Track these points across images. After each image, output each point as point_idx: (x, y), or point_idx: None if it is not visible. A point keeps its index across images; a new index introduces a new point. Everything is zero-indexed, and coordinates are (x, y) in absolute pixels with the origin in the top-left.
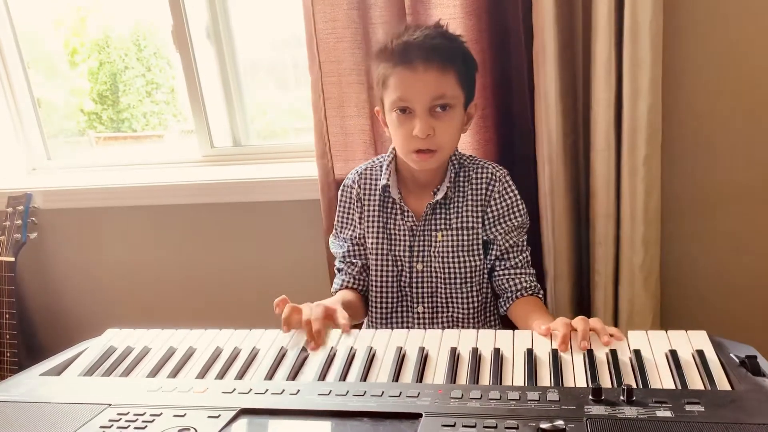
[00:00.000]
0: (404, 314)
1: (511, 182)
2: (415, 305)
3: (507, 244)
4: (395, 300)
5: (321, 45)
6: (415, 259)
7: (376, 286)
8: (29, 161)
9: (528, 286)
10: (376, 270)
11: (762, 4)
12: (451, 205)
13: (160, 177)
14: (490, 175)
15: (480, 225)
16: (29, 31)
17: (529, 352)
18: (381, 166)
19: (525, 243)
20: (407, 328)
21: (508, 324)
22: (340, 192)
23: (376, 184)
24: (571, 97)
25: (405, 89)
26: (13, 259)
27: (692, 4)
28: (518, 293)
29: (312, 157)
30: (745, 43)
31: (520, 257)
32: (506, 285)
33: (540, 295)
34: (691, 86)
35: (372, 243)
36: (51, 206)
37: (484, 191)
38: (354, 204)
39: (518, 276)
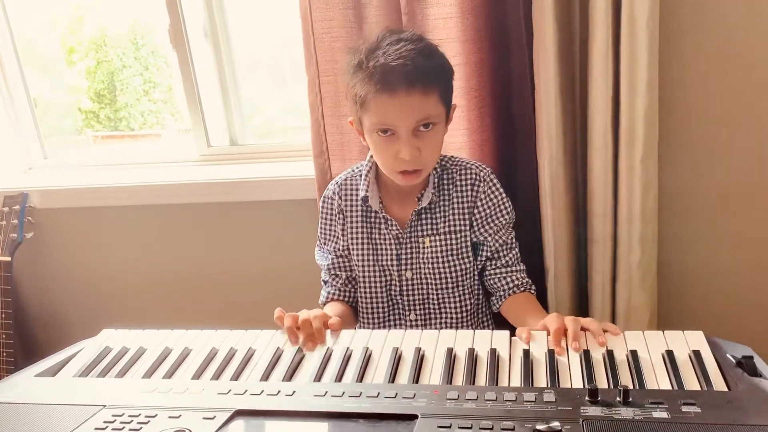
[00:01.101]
0: (396, 323)
1: (495, 180)
2: (407, 313)
3: (497, 244)
4: (386, 309)
5: (318, 44)
6: (403, 267)
7: (365, 297)
8: (26, 160)
9: (520, 283)
10: (364, 281)
11: (760, 4)
12: (437, 210)
13: (157, 176)
14: (474, 176)
15: (468, 227)
16: (26, 30)
17: (526, 353)
18: (361, 175)
19: (513, 240)
20: None
21: (500, 324)
22: (321, 204)
23: (357, 195)
24: (571, 96)
25: (387, 116)
26: (9, 258)
27: (689, 3)
28: (510, 291)
29: (309, 156)
30: (742, 42)
31: (510, 255)
32: (498, 284)
33: (532, 291)
34: (688, 85)
35: (357, 254)
36: (47, 205)
37: (469, 193)
38: (336, 216)
39: (510, 274)
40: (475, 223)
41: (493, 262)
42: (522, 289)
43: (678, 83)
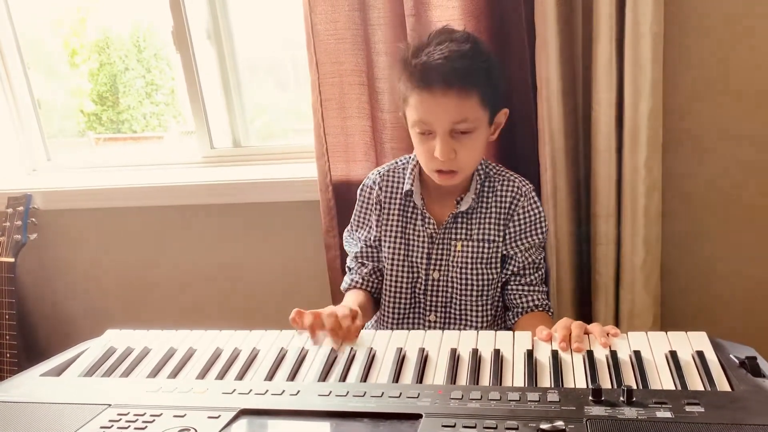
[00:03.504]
0: (416, 321)
1: (536, 198)
2: (428, 313)
3: (525, 262)
4: (408, 306)
5: (320, 46)
6: (432, 267)
7: (389, 291)
8: (29, 162)
9: (540, 303)
10: (391, 275)
11: (762, 6)
12: (474, 216)
13: (160, 178)
14: (516, 189)
15: (501, 238)
16: (29, 32)
17: (529, 353)
18: (403, 169)
19: (542, 261)
20: None
21: None
22: (359, 191)
23: (397, 187)
24: (573, 97)
25: (424, 113)
26: (13, 259)
27: (693, 6)
28: (528, 309)
29: (311, 158)
30: (745, 44)
31: (536, 275)
32: (518, 300)
33: (550, 312)
34: (691, 88)
35: (389, 247)
36: (51, 207)
37: (508, 205)
38: (372, 206)
39: (531, 293)
40: (508, 236)
41: (518, 279)
42: (540, 309)
43: (682, 85)
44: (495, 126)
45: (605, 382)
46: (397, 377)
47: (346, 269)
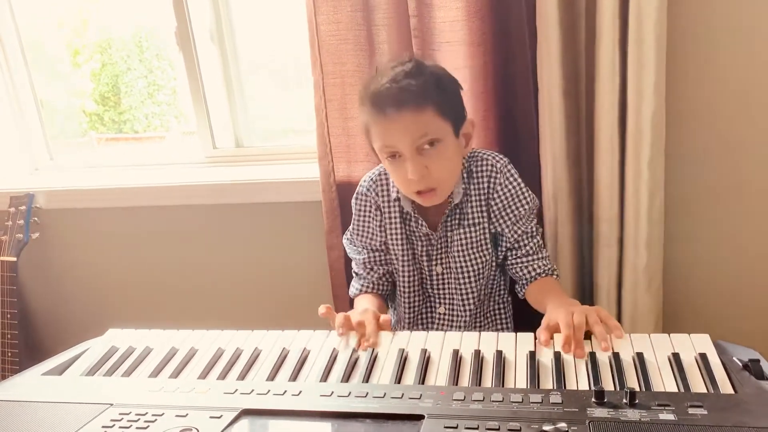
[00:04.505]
0: (428, 315)
1: (512, 171)
2: (437, 306)
3: (516, 235)
4: (420, 302)
5: (323, 47)
6: (434, 263)
7: (403, 290)
8: (32, 161)
9: (542, 271)
10: (403, 274)
11: (766, 8)
12: (463, 206)
13: (163, 178)
14: (491, 167)
15: (486, 219)
16: (32, 32)
17: (532, 355)
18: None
19: (535, 228)
20: (430, 328)
21: (517, 308)
22: (354, 200)
23: (390, 191)
24: (575, 99)
25: (385, 137)
26: (15, 258)
27: (696, 7)
28: (532, 278)
29: (314, 158)
30: (748, 46)
31: (531, 243)
32: (521, 272)
33: (555, 275)
34: (695, 89)
35: (396, 249)
36: (53, 206)
37: (486, 184)
38: (371, 212)
39: (532, 262)
40: (492, 215)
41: (514, 252)
42: (544, 275)
43: (685, 87)
44: (465, 137)
45: (608, 384)
46: (399, 378)
47: (353, 274)
